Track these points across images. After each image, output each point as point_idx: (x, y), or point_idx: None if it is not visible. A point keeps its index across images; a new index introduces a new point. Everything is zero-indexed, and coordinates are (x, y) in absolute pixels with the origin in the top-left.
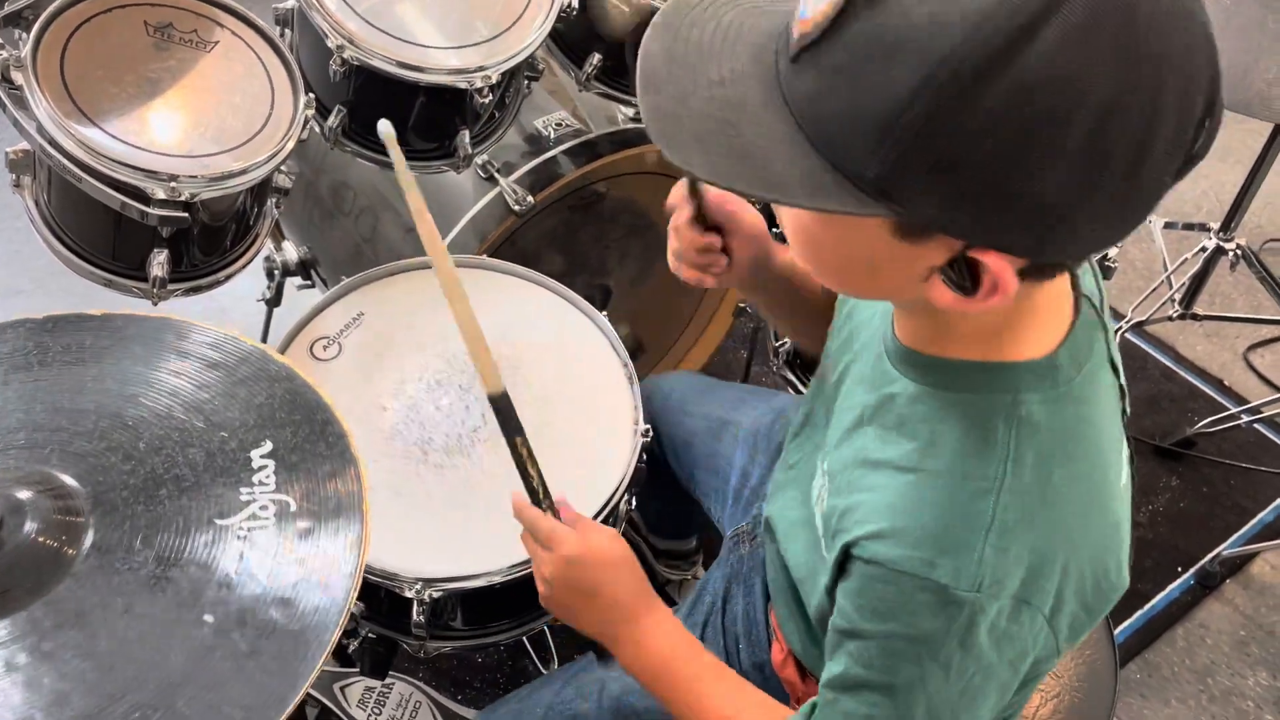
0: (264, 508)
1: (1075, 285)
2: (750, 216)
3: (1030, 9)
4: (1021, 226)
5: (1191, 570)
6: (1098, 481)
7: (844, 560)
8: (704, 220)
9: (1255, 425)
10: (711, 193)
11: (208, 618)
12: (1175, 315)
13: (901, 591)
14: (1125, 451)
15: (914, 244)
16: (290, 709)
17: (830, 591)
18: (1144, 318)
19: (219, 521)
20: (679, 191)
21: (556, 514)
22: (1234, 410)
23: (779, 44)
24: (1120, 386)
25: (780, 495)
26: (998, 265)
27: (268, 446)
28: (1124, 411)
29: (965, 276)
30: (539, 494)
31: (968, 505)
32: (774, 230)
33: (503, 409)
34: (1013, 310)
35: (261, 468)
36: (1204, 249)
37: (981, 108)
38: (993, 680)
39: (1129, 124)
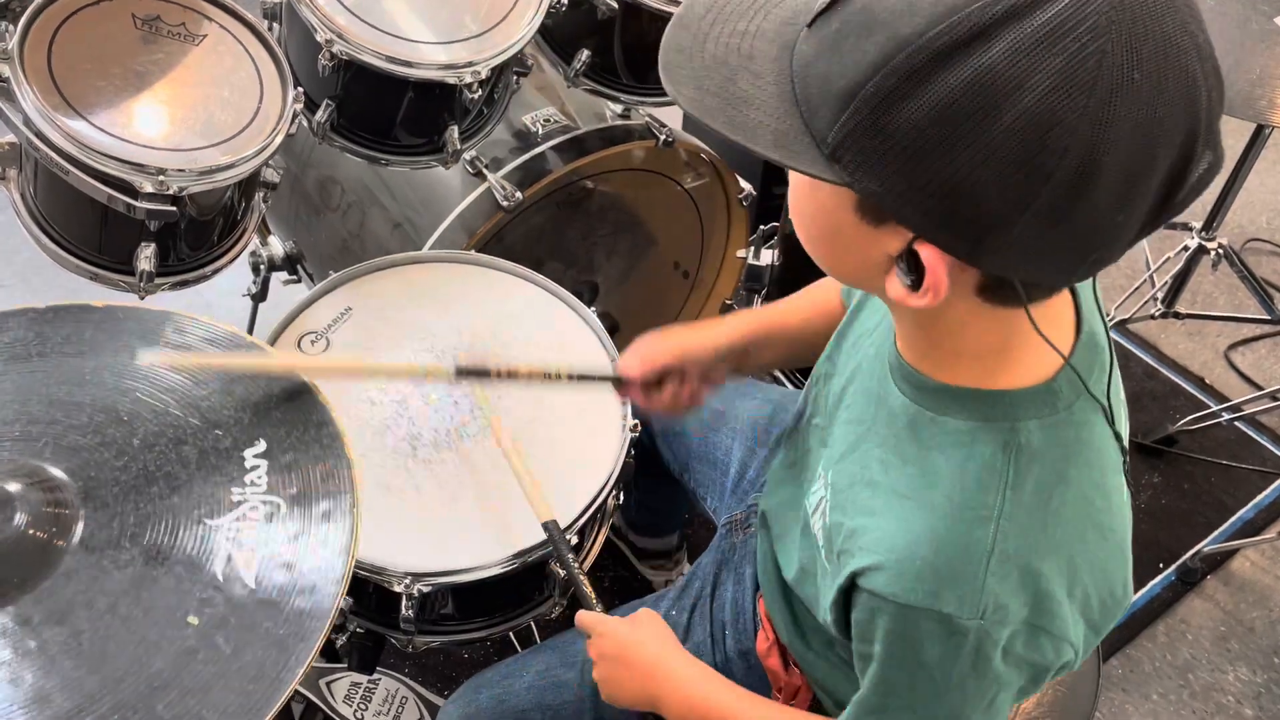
0: (254, 509)
1: (1078, 312)
2: (669, 347)
3: (995, 11)
4: (957, 224)
5: (1173, 566)
6: (1098, 504)
7: (850, 588)
8: (653, 384)
9: (1236, 423)
10: (632, 370)
11: (192, 619)
12: (1157, 314)
13: (908, 623)
14: (1124, 465)
15: (874, 227)
16: (270, 717)
17: (836, 609)
18: (1126, 316)
19: (208, 521)
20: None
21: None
22: (1215, 408)
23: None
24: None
25: (777, 491)
26: (932, 261)
27: (261, 446)
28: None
29: (912, 270)
30: (592, 600)
31: (967, 535)
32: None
33: (554, 535)
34: (1009, 334)
35: (254, 468)
36: (1186, 248)
37: (926, 93)
38: (1011, 690)
39: (1069, 144)
